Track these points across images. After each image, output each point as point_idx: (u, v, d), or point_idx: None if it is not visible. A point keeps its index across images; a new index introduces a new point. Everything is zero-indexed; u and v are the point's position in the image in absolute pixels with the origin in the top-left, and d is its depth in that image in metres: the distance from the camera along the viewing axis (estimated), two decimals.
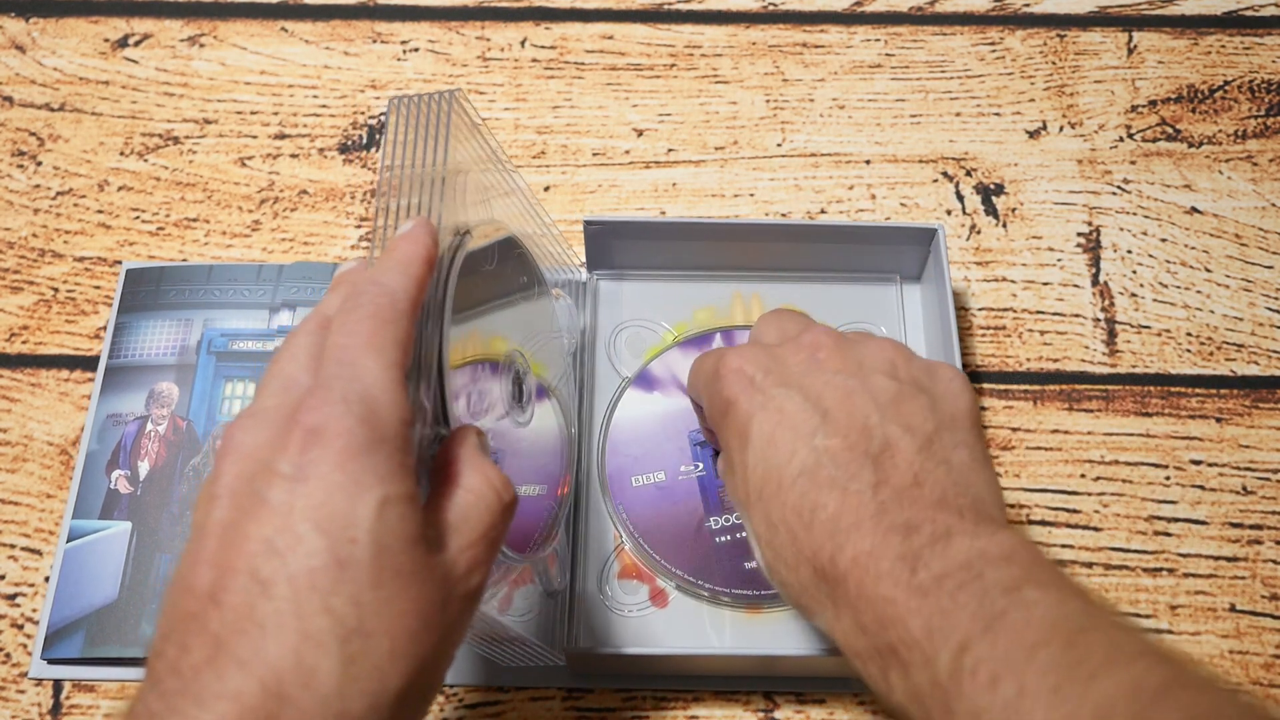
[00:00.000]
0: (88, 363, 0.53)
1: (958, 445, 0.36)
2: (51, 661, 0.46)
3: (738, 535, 0.47)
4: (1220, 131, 0.59)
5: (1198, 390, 0.52)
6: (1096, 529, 0.49)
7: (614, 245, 0.52)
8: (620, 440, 0.50)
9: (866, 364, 0.38)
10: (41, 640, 0.46)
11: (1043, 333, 0.54)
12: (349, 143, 0.59)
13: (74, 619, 0.46)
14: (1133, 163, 0.58)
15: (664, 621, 0.47)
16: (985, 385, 0.52)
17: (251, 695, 0.27)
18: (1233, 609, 0.47)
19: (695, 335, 0.52)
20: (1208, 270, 0.55)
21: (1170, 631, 0.47)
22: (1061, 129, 0.59)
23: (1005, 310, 0.54)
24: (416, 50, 0.62)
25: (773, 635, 0.46)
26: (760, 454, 0.37)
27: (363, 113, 0.60)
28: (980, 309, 0.54)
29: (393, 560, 0.29)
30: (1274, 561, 0.48)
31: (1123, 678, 0.29)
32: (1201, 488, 0.50)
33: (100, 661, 0.46)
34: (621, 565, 0.48)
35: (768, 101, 0.60)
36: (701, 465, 0.49)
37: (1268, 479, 0.50)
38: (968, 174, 0.58)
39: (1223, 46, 0.62)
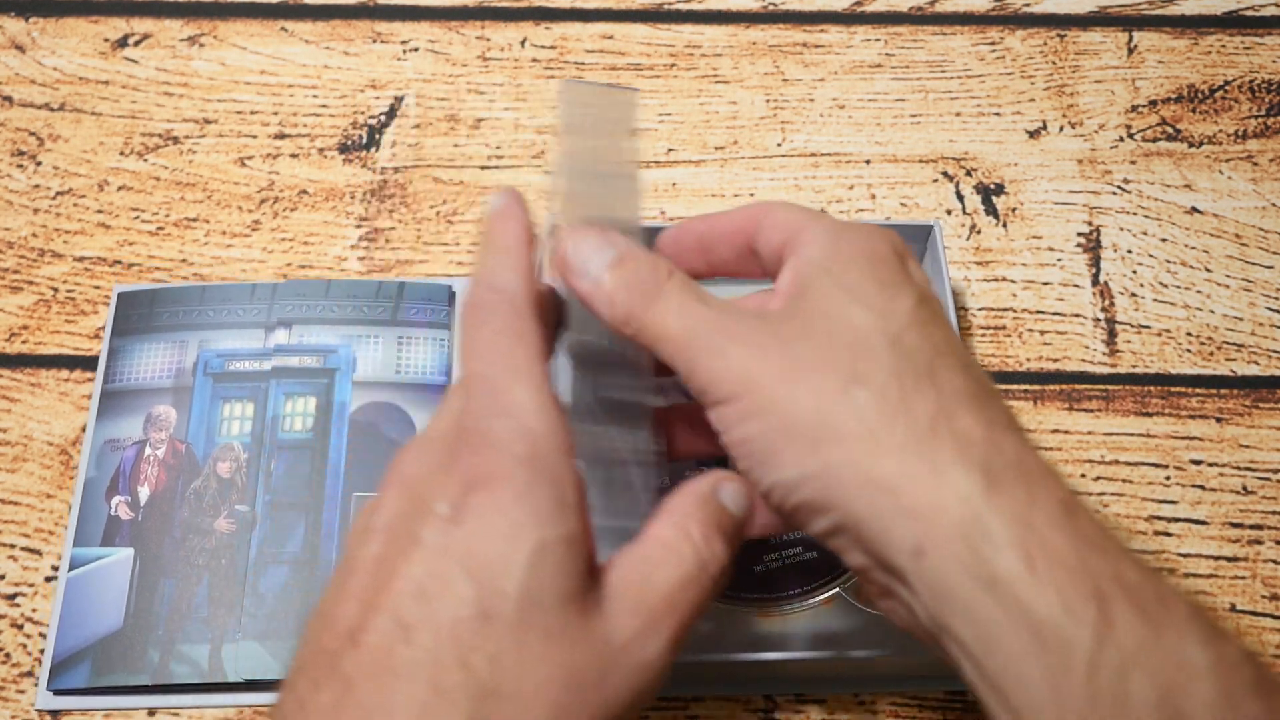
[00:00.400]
0: (88, 363, 0.53)
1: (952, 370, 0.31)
2: (58, 693, 0.45)
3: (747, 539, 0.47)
4: (1220, 131, 0.59)
5: (1198, 390, 0.52)
6: None
7: None
8: None
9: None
10: (47, 672, 0.45)
11: (1042, 333, 0.54)
12: (349, 143, 0.59)
13: (79, 648, 0.45)
14: (1133, 163, 0.58)
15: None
16: None
17: None
18: (1233, 609, 0.47)
19: None
20: (1208, 270, 0.55)
21: None
22: (1061, 129, 0.59)
23: (1005, 310, 0.54)
24: (416, 50, 0.62)
25: (780, 638, 0.46)
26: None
27: (363, 113, 0.60)
28: (980, 309, 0.54)
29: (542, 617, 0.27)
30: (1274, 561, 0.48)
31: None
32: (1201, 488, 0.50)
33: (107, 690, 0.45)
34: None
35: (768, 101, 0.60)
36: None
37: (1268, 479, 0.50)
38: (968, 174, 0.58)
39: (1223, 46, 0.62)
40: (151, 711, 0.45)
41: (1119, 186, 0.58)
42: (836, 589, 0.46)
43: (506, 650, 0.26)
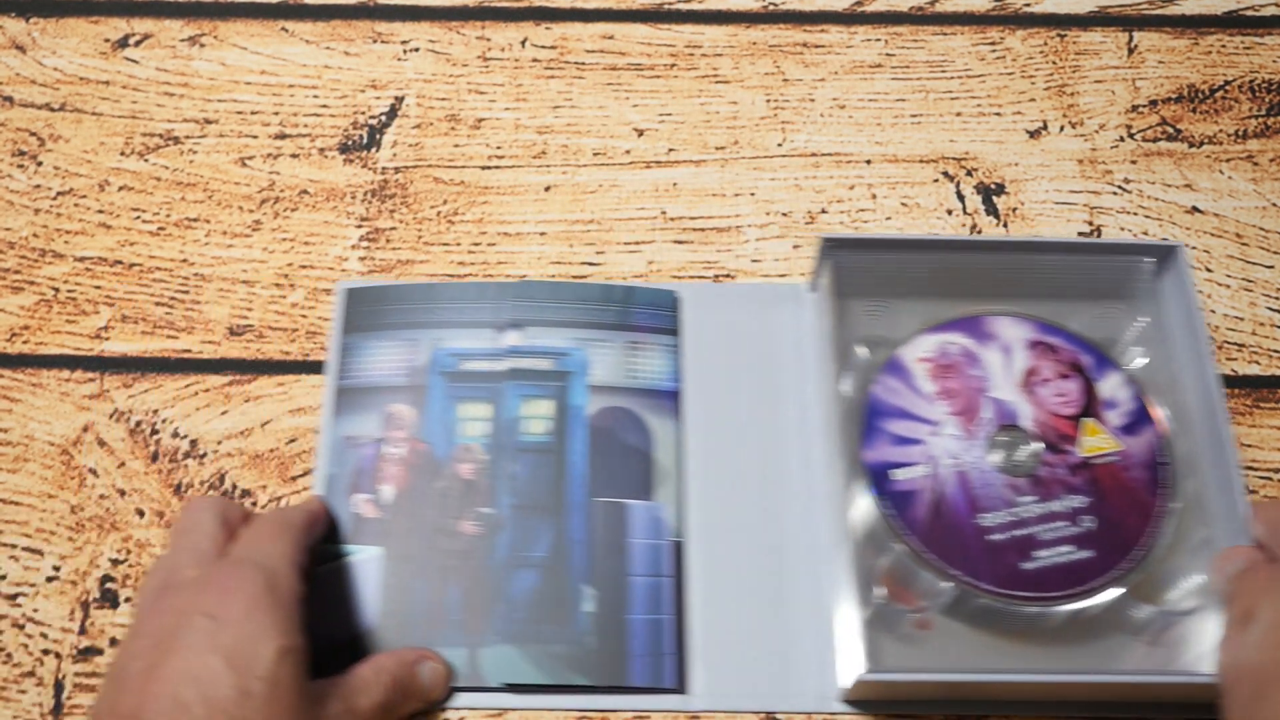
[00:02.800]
0: (88, 363, 0.53)
1: None
2: None
3: (1014, 533, 0.46)
4: (1221, 131, 0.59)
5: None
6: None
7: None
8: (877, 434, 0.48)
9: None
10: None
11: None
12: (349, 143, 0.59)
13: (334, 646, 0.45)
14: (1133, 162, 0.58)
15: (939, 640, 0.45)
16: None
17: None
18: None
19: (945, 321, 0.51)
20: (1208, 270, 0.55)
21: None
22: (1062, 129, 0.59)
23: None
24: (417, 50, 0.62)
25: (1061, 657, 0.44)
26: None
27: (363, 113, 0.60)
28: None
29: (285, 697, 0.37)
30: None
31: None
32: None
33: None
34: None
35: (768, 101, 0.60)
36: (966, 459, 0.47)
37: (1269, 479, 0.50)
38: (968, 174, 0.58)
39: (1223, 46, 0.62)
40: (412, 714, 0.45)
41: (1119, 186, 0.58)
42: (1110, 590, 0.44)
43: (259, 717, 0.36)
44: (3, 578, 0.48)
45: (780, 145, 0.59)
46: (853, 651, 0.43)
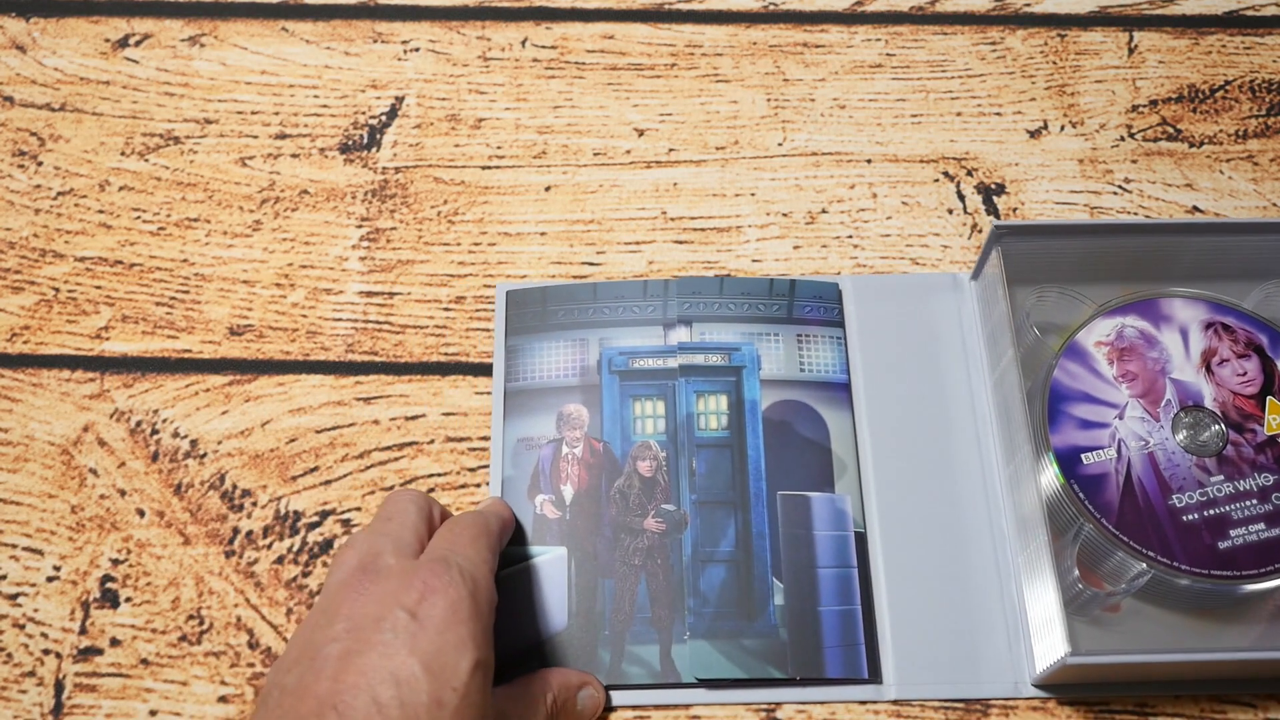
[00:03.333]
0: (89, 363, 0.53)
1: None
2: None
3: (1207, 513, 0.46)
4: (1221, 131, 0.59)
5: None
6: None
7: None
8: (1062, 418, 0.48)
9: None
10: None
11: None
12: (350, 143, 0.59)
13: (524, 648, 0.46)
14: (1134, 162, 0.58)
15: (1128, 622, 0.45)
16: None
17: None
18: None
19: (1120, 304, 0.51)
20: None
21: None
22: (1062, 129, 0.59)
23: None
24: (417, 50, 0.62)
25: (1252, 635, 0.45)
26: None
27: (363, 113, 0.60)
28: None
29: (473, 712, 0.37)
30: None
31: None
32: None
33: None
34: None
35: (768, 101, 0.60)
36: (1152, 440, 0.47)
37: None
38: (969, 174, 0.58)
39: (1223, 46, 0.62)
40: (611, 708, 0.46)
41: (1120, 186, 0.58)
42: None
43: None
44: (3, 578, 0.48)
45: (780, 145, 0.59)
46: (1052, 635, 0.43)
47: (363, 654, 0.37)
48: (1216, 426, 0.48)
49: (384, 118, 0.59)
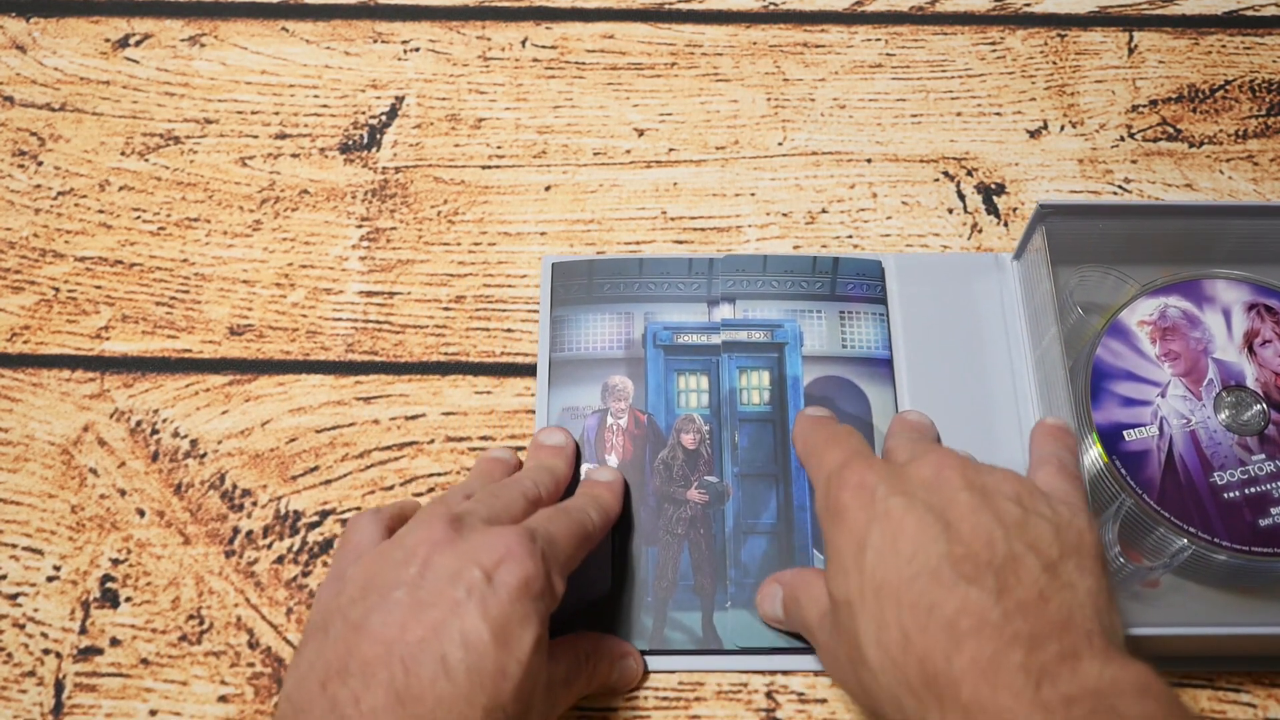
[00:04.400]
0: (89, 363, 0.53)
1: (1084, 572, 0.36)
2: None
3: (1248, 491, 0.46)
4: (1221, 131, 0.59)
5: None
6: None
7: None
8: (1105, 396, 0.49)
9: (990, 488, 0.38)
10: None
11: None
12: (350, 142, 0.59)
13: (568, 610, 0.45)
14: (1134, 162, 0.58)
15: (1167, 598, 0.45)
16: None
17: None
18: None
19: (1164, 285, 0.51)
20: None
21: None
22: (1062, 128, 0.59)
23: None
24: (417, 50, 0.62)
25: None
26: (878, 556, 0.37)
27: (364, 113, 0.60)
28: None
29: (533, 685, 0.37)
30: None
31: None
32: None
33: None
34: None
35: (769, 101, 0.60)
36: (1194, 419, 0.48)
37: None
38: (969, 174, 0.58)
39: (1223, 46, 0.62)
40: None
41: (1120, 186, 0.58)
42: None
43: (509, 704, 0.36)
44: (3, 578, 0.48)
45: (780, 145, 0.59)
46: None
47: (434, 606, 0.36)
48: (1259, 406, 0.48)
49: (384, 118, 0.59)
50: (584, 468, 0.50)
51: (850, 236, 0.56)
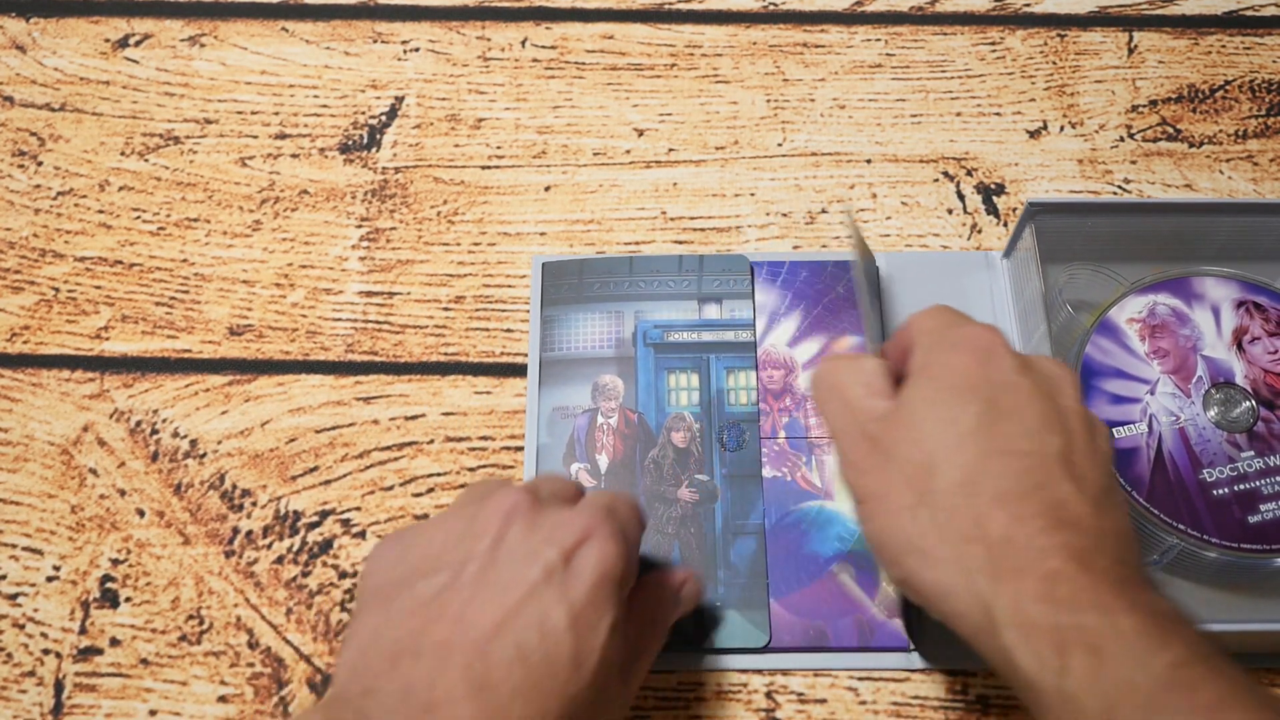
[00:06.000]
0: (89, 363, 0.53)
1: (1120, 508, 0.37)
2: None
3: (1237, 487, 0.46)
4: (1221, 131, 0.59)
5: None
6: None
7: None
8: (1094, 393, 0.49)
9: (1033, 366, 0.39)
10: None
11: None
12: (350, 143, 0.59)
13: None
14: (1133, 162, 0.58)
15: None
16: None
17: None
18: None
19: (1152, 282, 0.51)
20: None
21: None
22: (1062, 129, 0.59)
23: None
24: (417, 50, 0.62)
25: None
26: (1000, 415, 0.36)
27: (363, 113, 0.60)
28: None
29: (608, 671, 0.36)
30: None
31: None
32: None
33: None
34: None
35: (768, 101, 0.60)
36: (1183, 416, 0.48)
37: None
38: (968, 174, 0.58)
39: (1223, 46, 0.62)
40: None
41: (1120, 186, 0.58)
42: None
43: (583, 693, 0.35)
44: (3, 578, 0.48)
45: (780, 145, 0.59)
46: None
47: (511, 589, 0.35)
48: (1248, 403, 0.48)
49: (384, 118, 0.59)
50: (572, 468, 0.50)
51: (850, 236, 0.56)
